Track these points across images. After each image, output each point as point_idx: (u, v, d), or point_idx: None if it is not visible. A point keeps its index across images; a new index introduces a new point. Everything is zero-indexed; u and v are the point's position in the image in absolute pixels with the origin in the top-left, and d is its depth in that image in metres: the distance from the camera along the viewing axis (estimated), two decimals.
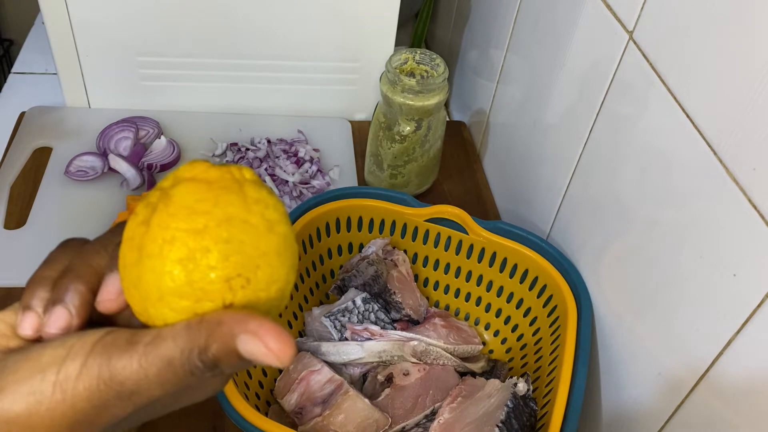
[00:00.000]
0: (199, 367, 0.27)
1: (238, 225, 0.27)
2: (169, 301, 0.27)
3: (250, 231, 0.27)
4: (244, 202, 0.28)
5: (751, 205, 0.44)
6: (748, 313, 0.44)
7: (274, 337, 0.26)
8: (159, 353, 0.27)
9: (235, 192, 0.28)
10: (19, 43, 1.25)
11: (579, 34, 0.66)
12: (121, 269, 0.28)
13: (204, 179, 0.28)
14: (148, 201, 0.28)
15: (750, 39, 0.44)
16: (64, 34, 0.86)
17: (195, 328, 0.27)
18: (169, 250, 0.27)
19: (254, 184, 0.28)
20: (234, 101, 0.96)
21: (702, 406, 0.49)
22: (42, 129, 0.91)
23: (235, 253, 0.27)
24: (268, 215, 0.28)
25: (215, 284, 0.27)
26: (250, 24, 0.88)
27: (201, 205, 0.27)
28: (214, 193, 0.27)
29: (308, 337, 0.70)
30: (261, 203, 0.28)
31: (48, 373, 0.27)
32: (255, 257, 0.27)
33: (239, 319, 0.27)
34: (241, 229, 0.27)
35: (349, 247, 0.74)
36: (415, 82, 0.76)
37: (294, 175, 0.87)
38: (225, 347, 0.27)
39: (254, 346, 0.26)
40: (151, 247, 0.27)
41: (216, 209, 0.27)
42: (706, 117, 0.48)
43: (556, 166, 0.72)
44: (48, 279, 0.31)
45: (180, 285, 0.27)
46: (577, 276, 0.65)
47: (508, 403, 0.58)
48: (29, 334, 0.30)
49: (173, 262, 0.27)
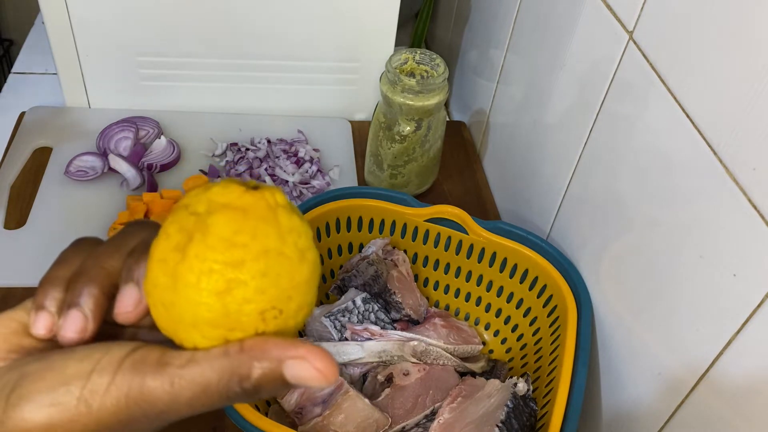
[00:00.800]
0: (239, 393, 0.28)
1: (274, 257, 0.28)
2: (202, 329, 0.28)
3: (285, 263, 0.28)
4: (279, 233, 0.28)
5: (751, 205, 0.44)
6: (748, 313, 0.44)
7: (321, 358, 0.27)
8: (194, 378, 0.27)
9: (271, 222, 0.28)
10: (19, 43, 1.25)
11: (579, 34, 0.66)
12: (151, 288, 0.28)
13: (239, 207, 0.28)
14: (181, 225, 0.28)
15: (750, 39, 0.44)
16: (64, 34, 0.86)
17: (235, 355, 0.27)
18: (207, 282, 0.27)
19: (286, 211, 0.29)
20: (234, 101, 0.96)
21: (702, 406, 0.49)
22: (42, 129, 0.91)
23: (271, 286, 0.28)
24: (301, 244, 0.29)
25: (250, 316, 0.28)
26: (250, 24, 0.88)
27: (239, 238, 0.27)
28: (251, 224, 0.28)
29: (308, 337, 0.70)
30: (294, 232, 0.28)
31: (73, 386, 0.27)
32: (288, 289, 0.28)
33: (284, 346, 0.27)
34: (277, 262, 0.28)
35: (349, 247, 0.74)
36: (415, 82, 0.76)
37: (294, 175, 0.87)
38: (271, 374, 0.27)
39: (303, 370, 0.27)
40: (188, 277, 0.27)
41: (254, 242, 0.27)
42: (706, 117, 0.48)
43: (556, 166, 0.72)
44: (61, 279, 0.30)
45: (216, 316, 0.27)
46: (577, 276, 0.65)
47: (508, 403, 0.58)
48: (42, 333, 0.30)
49: (210, 294, 0.27)
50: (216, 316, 0.27)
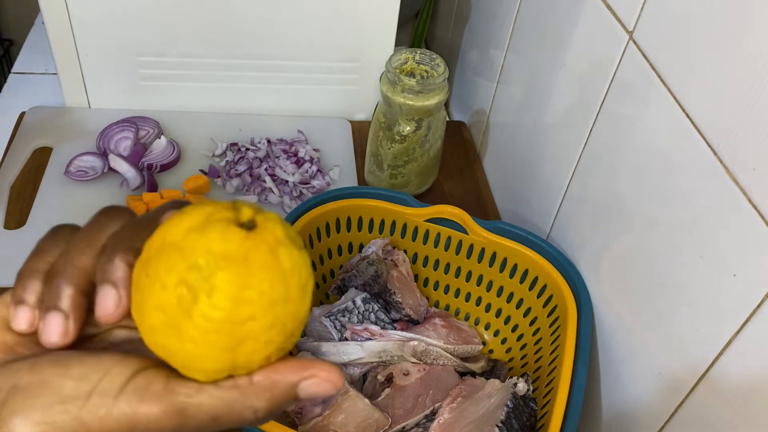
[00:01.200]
0: (252, 420, 0.28)
1: (281, 306, 0.27)
2: (205, 372, 0.28)
3: (291, 308, 0.28)
4: (283, 279, 0.27)
5: (751, 205, 0.44)
6: (748, 313, 0.44)
7: (328, 369, 0.28)
8: (203, 408, 0.27)
9: (275, 269, 0.27)
10: (19, 43, 1.25)
11: (579, 34, 0.66)
12: (146, 327, 0.28)
13: (241, 258, 0.27)
14: (180, 278, 0.27)
15: (750, 39, 0.44)
16: (64, 34, 0.86)
17: (246, 388, 0.28)
18: (215, 341, 0.27)
19: (286, 248, 0.28)
20: (234, 101, 0.96)
21: (702, 406, 0.49)
22: (42, 129, 0.91)
23: (277, 335, 0.28)
24: (302, 281, 0.28)
25: (255, 362, 0.28)
26: (250, 24, 0.88)
27: (246, 293, 0.27)
28: (257, 277, 0.27)
29: (308, 337, 0.70)
30: (296, 270, 0.28)
31: (70, 406, 0.26)
32: (293, 329, 0.28)
33: (294, 370, 0.28)
34: (284, 310, 0.27)
35: (349, 247, 0.74)
36: (415, 82, 0.76)
37: (294, 175, 0.87)
38: (284, 398, 0.28)
39: (315, 386, 0.28)
40: (193, 334, 0.27)
41: (261, 298, 0.27)
42: (706, 117, 0.48)
43: (556, 166, 0.72)
44: (39, 271, 0.30)
45: (221, 368, 0.27)
46: (577, 276, 0.65)
47: (508, 403, 0.58)
48: (24, 328, 0.29)
49: (219, 351, 0.27)
50: (224, 365, 0.27)
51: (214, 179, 0.87)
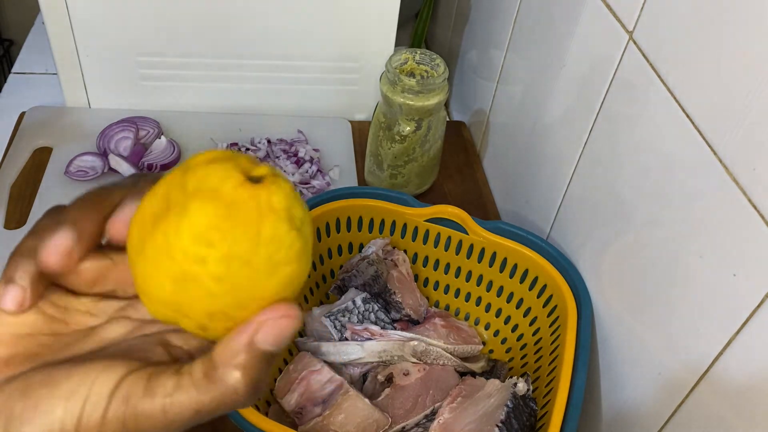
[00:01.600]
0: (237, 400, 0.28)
1: (237, 266, 0.26)
2: (154, 303, 0.28)
3: (248, 274, 0.27)
4: (254, 242, 0.26)
5: (751, 205, 0.44)
6: (748, 313, 0.44)
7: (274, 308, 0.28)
8: (183, 404, 0.28)
9: (251, 229, 0.26)
10: (19, 43, 1.25)
11: (579, 34, 0.66)
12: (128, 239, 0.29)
13: (226, 201, 0.26)
14: (168, 193, 0.27)
15: (750, 39, 0.44)
16: (64, 34, 0.86)
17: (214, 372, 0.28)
18: (164, 265, 0.27)
19: (277, 218, 0.27)
20: (234, 101, 0.96)
21: (702, 406, 0.49)
22: (42, 129, 0.91)
23: (224, 293, 0.27)
24: (277, 257, 0.27)
25: (198, 313, 0.27)
26: (250, 24, 0.88)
27: (210, 234, 0.26)
28: (228, 223, 0.26)
29: (308, 337, 0.70)
30: (274, 244, 0.27)
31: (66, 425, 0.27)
32: (246, 299, 0.27)
33: (244, 330, 0.28)
34: (239, 271, 0.26)
35: (349, 247, 0.74)
36: (415, 82, 0.76)
37: (294, 175, 0.87)
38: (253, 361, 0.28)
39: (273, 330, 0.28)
40: (150, 250, 0.27)
41: (221, 244, 0.26)
42: (706, 117, 0.48)
43: (556, 166, 0.72)
44: (32, 250, 0.30)
45: (166, 298, 0.27)
46: (577, 276, 0.65)
47: (508, 403, 0.58)
48: (11, 308, 0.29)
49: (165, 276, 0.27)
50: (167, 297, 0.27)
51: None
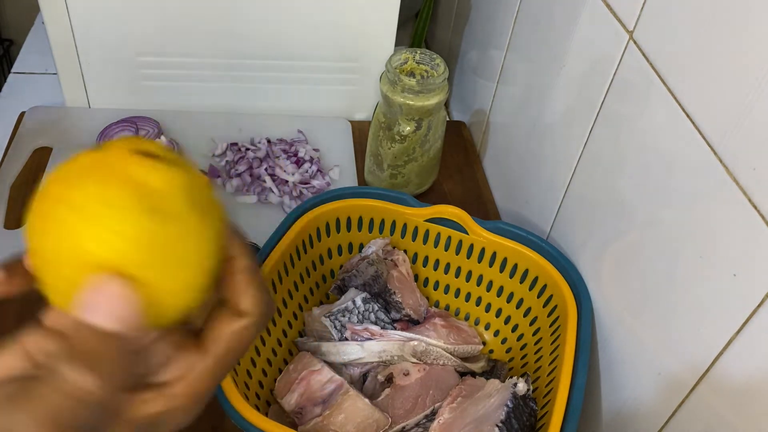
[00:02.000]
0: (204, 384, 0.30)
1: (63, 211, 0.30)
2: (40, 256, 0.33)
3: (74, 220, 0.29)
4: (67, 204, 0.29)
5: (751, 205, 0.44)
6: (748, 313, 0.44)
7: (92, 283, 0.29)
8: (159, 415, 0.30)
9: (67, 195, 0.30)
10: (19, 43, 1.25)
11: (579, 34, 0.66)
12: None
13: (100, 164, 0.30)
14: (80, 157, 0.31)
15: (750, 39, 0.44)
16: (64, 34, 0.86)
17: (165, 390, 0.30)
18: (36, 208, 0.32)
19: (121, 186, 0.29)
20: (234, 101, 0.96)
21: (702, 406, 0.49)
22: (42, 129, 0.91)
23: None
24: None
25: (66, 266, 0.31)
26: (250, 24, 0.88)
27: (72, 180, 0.30)
28: (90, 179, 0.29)
29: (308, 337, 0.70)
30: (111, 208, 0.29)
31: None
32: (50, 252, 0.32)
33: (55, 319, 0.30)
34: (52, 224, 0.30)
35: (349, 247, 0.74)
36: (415, 82, 0.76)
37: (294, 175, 0.87)
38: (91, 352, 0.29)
39: (106, 305, 0.28)
40: (35, 203, 0.32)
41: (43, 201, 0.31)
42: (706, 117, 0.48)
43: (556, 166, 0.72)
44: None
45: (38, 248, 0.33)
46: (577, 276, 0.65)
47: (508, 403, 0.58)
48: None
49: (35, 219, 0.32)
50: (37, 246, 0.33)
51: (214, 179, 0.87)
